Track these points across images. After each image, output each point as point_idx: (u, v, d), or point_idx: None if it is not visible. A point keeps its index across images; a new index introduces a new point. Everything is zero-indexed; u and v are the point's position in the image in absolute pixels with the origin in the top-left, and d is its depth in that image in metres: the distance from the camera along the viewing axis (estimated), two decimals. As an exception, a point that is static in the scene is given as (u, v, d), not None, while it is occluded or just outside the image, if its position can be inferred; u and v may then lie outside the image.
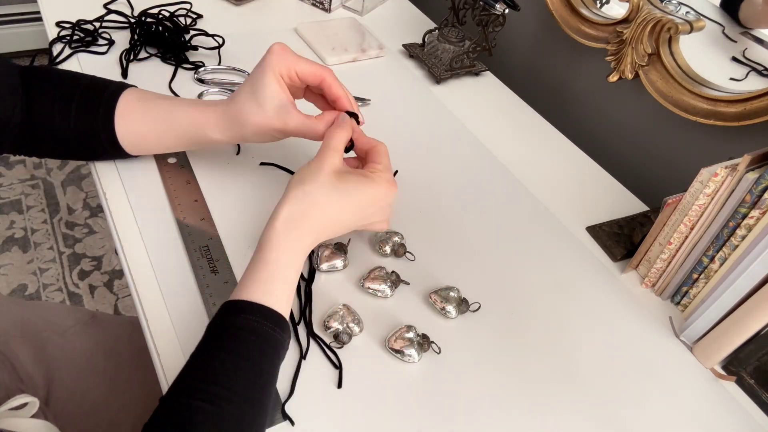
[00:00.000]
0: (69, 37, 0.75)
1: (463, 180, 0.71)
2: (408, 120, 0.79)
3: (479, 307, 0.57)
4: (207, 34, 0.82)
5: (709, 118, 0.68)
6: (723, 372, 0.57)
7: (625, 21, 0.75)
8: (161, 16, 0.81)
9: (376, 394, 0.48)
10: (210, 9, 0.89)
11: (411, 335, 0.51)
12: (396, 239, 0.60)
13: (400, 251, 0.59)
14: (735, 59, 0.69)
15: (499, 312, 0.57)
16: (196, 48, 0.79)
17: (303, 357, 0.49)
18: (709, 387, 0.56)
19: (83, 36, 0.76)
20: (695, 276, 0.60)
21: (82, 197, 1.62)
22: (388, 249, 0.59)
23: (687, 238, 0.59)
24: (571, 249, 0.66)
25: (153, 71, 0.75)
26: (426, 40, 0.91)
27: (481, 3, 0.83)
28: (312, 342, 0.50)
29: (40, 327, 0.65)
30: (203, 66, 0.77)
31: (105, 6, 0.82)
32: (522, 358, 0.54)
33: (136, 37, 0.77)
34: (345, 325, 0.51)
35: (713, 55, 0.72)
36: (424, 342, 0.51)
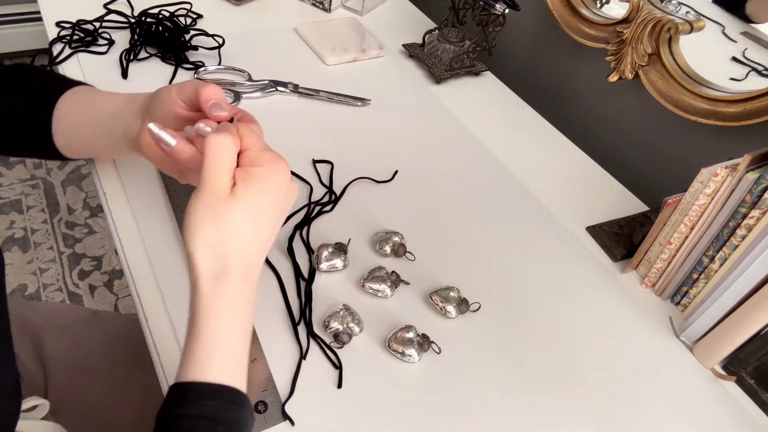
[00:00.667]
0: (69, 37, 0.75)
1: (463, 180, 0.71)
2: (408, 120, 0.79)
3: (479, 307, 0.57)
4: (207, 34, 0.82)
5: (709, 118, 0.68)
6: (723, 372, 0.57)
7: (625, 21, 0.75)
8: (161, 16, 0.81)
9: (376, 394, 0.48)
10: (210, 9, 0.89)
11: (411, 335, 0.51)
12: (396, 239, 0.60)
13: (400, 251, 0.59)
14: (735, 59, 0.69)
15: (499, 312, 0.57)
16: (196, 48, 0.79)
17: (303, 357, 0.49)
18: (709, 387, 0.56)
19: (83, 36, 0.76)
20: (695, 276, 0.60)
21: (82, 197, 1.62)
22: (388, 249, 0.59)
23: (687, 238, 0.59)
24: (571, 249, 0.66)
25: (153, 71, 0.75)
26: (426, 40, 0.91)
27: (481, 3, 0.83)
28: (312, 342, 0.50)
29: (39, 325, 0.65)
30: (203, 66, 0.77)
31: (105, 6, 0.82)
32: (522, 357, 0.54)
33: (136, 37, 0.77)
34: (345, 325, 0.51)
35: (713, 55, 0.72)
36: (424, 342, 0.51)
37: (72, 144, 0.54)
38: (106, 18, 0.80)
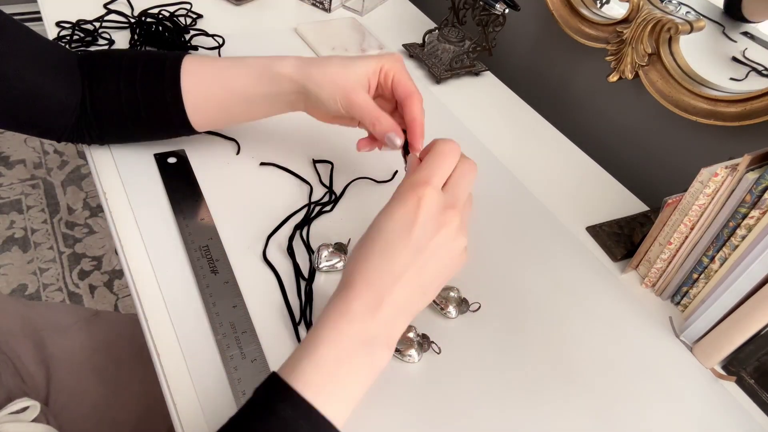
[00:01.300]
0: (69, 37, 0.75)
1: (463, 180, 0.71)
2: (408, 120, 0.79)
3: (479, 307, 0.57)
4: (207, 34, 0.82)
5: (709, 118, 0.68)
6: (723, 372, 0.57)
7: (625, 21, 0.75)
8: (161, 16, 0.81)
9: (375, 394, 0.48)
10: (210, 9, 0.89)
11: (411, 335, 0.51)
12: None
13: (400, 251, 0.59)
14: (735, 59, 0.69)
15: (499, 312, 0.57)
16: (196, 48, 0.79)
17: (303, 357, 0.49)
18: (709, 387, 0.56)
19: (83, 36, 0.76)
20: (695, 276, 0.60)
21: (82, 197, 1.62)
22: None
23: (687, 238, 0.59)
24: (571, 249, 0.66)
25: (153, 71, 0.75)
26: (426, 40, 0.91)
27: (481, 3, 0.83)
28: (312, 342, 0.50)
29: (40, 325, 0.65)
30: (203, 66, 0.77)
31: (105, 6, 0.82)
32: (522, 357, 0.54)
33: (136, 37, 0.77)
34: (345, 325, 0.51)
35: (713, 55, 0.72)
36: (424, 342, 0.51)
37: (207, 120, 0.57)
38: (106, 18, 0.80)
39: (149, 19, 0.80)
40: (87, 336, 0.66)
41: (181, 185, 0.60)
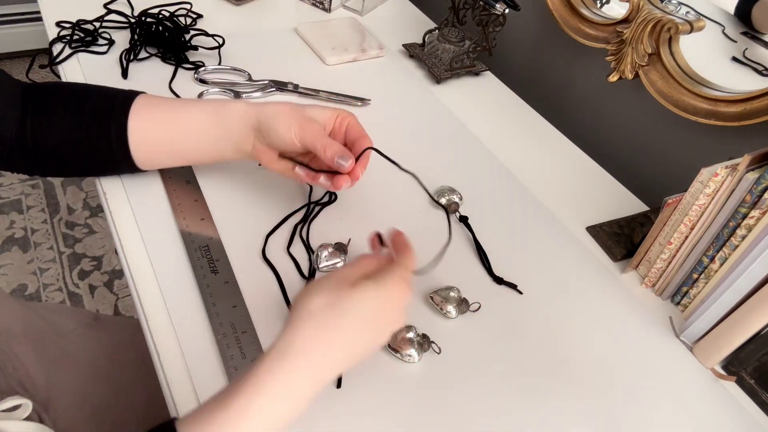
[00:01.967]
0: (69, 37, 0.75)
1: (463, 180, 0.71)
2: (408, 120, 0.79)
3: (479, 307, 0.57)
4: (207, 34, 0.82)
5: (709, 118, 0.68)
6: (723, 372, 0.57)
7: (625, 21, 0.75)
8: (161, 16, 0.81)
9: (376, 394, 0.48)
10: (210, 9, 0.89)
11: (411, 335, 0.51)
12: (396, 239, 0.59)
13: (400, 251, 0.59)
14: (735, 59, 0.69)
15: (499, 312, 0.57)
16: (196, 48, 0.79)
17: (303, 357, 0.49)
18: (709, 387, 0.56)
19: (83, 36, 0.76)
20: (695, 276, 0.60)
21: (82, 197, 1.62)
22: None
23: (687, 238, 0.59)
24: (571, 249, 0.66)
25: (153, 71, 0.75)
26: (426, 40, 0.91)
27: (481, 3, 0.83)
28: (312, 342, 0.50)
29: (42, 328, 0.64)
30: (203, 66, 0.77)
31: (105, 6, 0.82)
32: (522, 358, 0.54)
33: (136, 37, 0.77)
34: (345, 325, 0.51)
35: (713, 55, 0.72)
36: (424, 342, 0.51)
37: (151, 160, 0.57)
38: (106, 18, 0.80)
39: (149, 19, 0.80)
40: (89, 340, 0.66)
41: (182, 185, 0.60)
